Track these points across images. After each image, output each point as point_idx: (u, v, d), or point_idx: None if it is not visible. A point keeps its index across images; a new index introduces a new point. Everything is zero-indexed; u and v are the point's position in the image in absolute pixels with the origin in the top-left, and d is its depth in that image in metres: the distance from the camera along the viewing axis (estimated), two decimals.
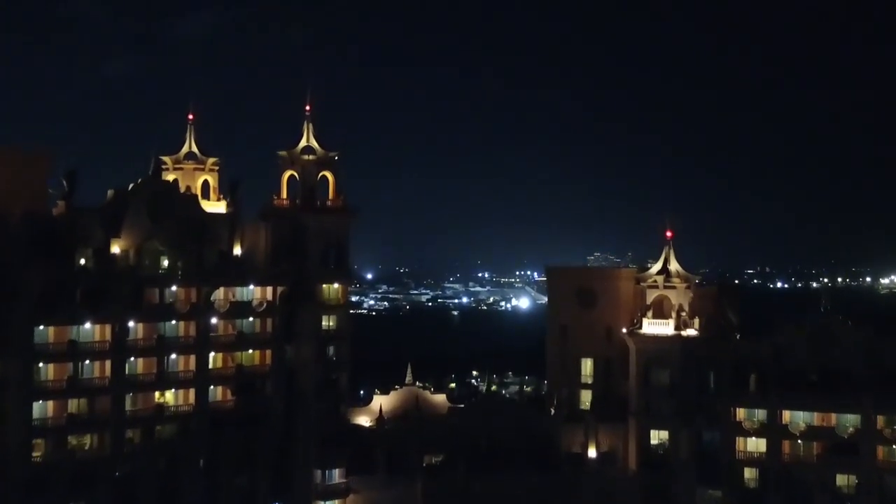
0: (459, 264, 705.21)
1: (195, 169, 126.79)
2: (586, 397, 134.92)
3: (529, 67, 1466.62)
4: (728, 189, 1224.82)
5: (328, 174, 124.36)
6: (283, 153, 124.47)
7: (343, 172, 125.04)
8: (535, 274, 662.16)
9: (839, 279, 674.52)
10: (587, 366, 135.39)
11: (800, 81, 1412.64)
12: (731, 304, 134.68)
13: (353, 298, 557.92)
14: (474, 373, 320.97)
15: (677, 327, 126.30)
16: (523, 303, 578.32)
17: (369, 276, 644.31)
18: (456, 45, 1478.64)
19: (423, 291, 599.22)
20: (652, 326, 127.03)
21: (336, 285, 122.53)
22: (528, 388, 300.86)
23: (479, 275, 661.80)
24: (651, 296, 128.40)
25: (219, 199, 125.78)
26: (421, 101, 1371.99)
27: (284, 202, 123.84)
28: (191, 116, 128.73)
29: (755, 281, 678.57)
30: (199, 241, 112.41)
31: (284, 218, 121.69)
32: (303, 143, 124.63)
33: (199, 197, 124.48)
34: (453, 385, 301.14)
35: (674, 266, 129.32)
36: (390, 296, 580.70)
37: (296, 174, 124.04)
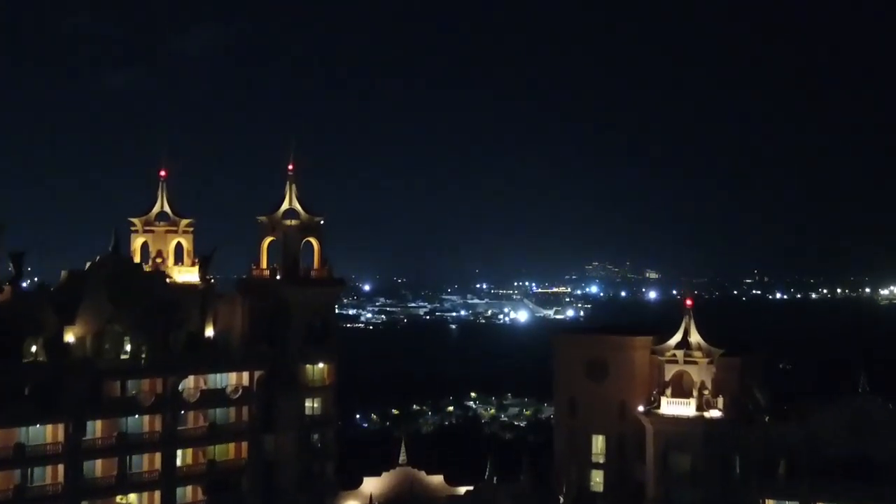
0: (457, 274, 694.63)
1: (167, 231, 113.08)
2: (598, 477, 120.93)
3: (528, 77, 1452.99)
4: (727, 197, 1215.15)
5: (313, 240, 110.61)
6: (262, 218, 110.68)
7: (327, 238, 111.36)
8: (533, 285, 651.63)
9: (838, 290, 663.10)
10: (598, 443, 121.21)
11: (800, 91, 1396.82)
12: (756, 378, 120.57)
13: (351, 311, 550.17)
14: (472, 394, 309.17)
15: (699, 407, 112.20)
16: (521, 316, 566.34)
17: (367, 287, 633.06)
18: (454, 55, 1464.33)
19: (421, 304, 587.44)
20: (671, 406, 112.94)
21: (321, 364, 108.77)
22: (528, 412, 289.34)
23: (478, 286, 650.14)
24: (669, 371, 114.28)
25: (193, 264, 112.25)
26: (420, 110, 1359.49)
27: (264, 272, 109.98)
28: (163, 173, 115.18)
29: (754, 291, 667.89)
30: (166, 324, 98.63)
31: (264, 291, 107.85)
32: (285, 205, 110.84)
33: (172, 262, 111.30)
34: (451, 408, 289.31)
35: (694, 338, 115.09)
36: (388, 309, 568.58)
37: (277, 240, 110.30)
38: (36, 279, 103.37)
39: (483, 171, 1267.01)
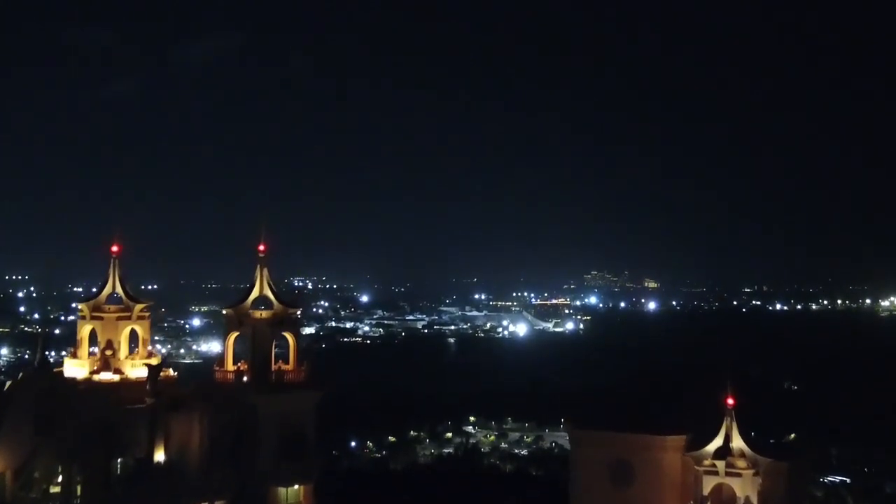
0: (456, 285, 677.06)
1: (119, 317, 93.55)
2: None
3: (526, 86, 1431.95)
4: (726, 206, 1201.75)
5: (288, 335, 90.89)
6: (228, 311, 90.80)
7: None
8: (532, 297, 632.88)
9: (839, 301, 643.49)
10: None
11: (802, 100, 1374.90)
12: (805, 485, 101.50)
13: (349, 325, 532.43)
14: (471, 419, 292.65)
15: None
16: (520, 329, 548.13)
17: (365, 298, 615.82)
18: (453, 64, 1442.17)
19: (419, 317, 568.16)
20: None
21: (296, 487, 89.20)
22: (528, 438, 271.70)
23: (476, 297, 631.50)
24: (708, 484, 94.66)
25: (149, 356, 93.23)
26: (418, 120, 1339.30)
27: (229, 376, 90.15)
28: (115, 248, 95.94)
29: (754, 302, 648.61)
30: (107, 450, 79.31)
31: (228, 398, 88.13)
32: (255, 293, 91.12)
33: (125, 353, 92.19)
34: (449, 434, 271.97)
35: (737, 443, 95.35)
36: (385, 322, 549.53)
37: (245, 336, 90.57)
38: None
39: (481, 180, 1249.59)
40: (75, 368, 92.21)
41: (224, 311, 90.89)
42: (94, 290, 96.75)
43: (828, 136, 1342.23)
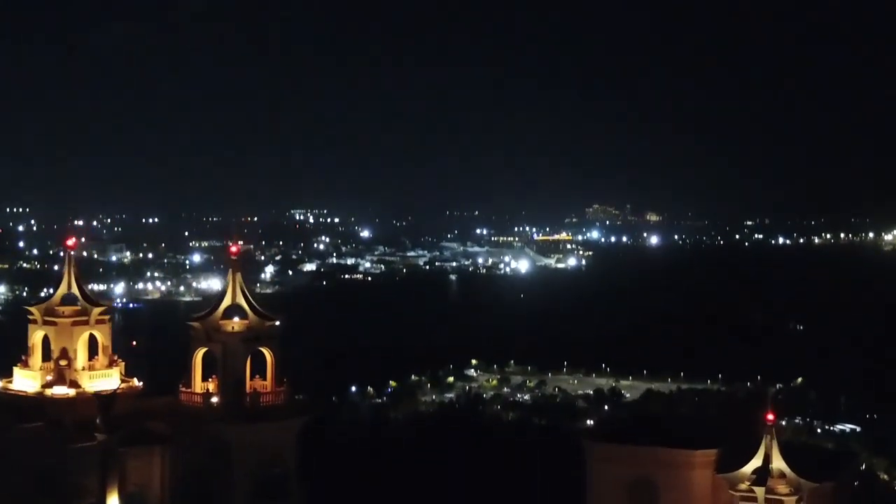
0: (458, 217, 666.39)
1: (75, 322, 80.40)
2: None
3: (529, 23, 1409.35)
4: (728, 139, 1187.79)
5: (266, 351, 77.35)
6: (195, 324, 77.04)
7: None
8: (534, 232, 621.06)
9: (841, 235, 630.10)
10: None
11: (802, 33, 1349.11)
12: None
13: (349, 261, 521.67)
14: (473, 362, 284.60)
15: None
16: (522, 265, 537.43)
17: (365, 233, 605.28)
18: (460, 6, 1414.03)
19: (420, 252, 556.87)
20: None
21: None
22: (531, 383, 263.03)
23: (478, 231, 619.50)
24: None
25: (110, 366, 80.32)
26: (420, 61, 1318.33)
27: (196, 398, 76.69)
28: (71, 241, 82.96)
29: (756, 236, 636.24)
30: (52, 498, 66.52)
31: (194, 428, 74.97)
32: (226, 302, 77.41)
33: (82, 361, 79.40)
34: (451, 379, 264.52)
35: (777, 464, 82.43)
36: (386, 258, 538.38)
37: (214, 353, 77.00)
38: None
39: (483, 113, 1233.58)
40: (26, 381, 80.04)
41: (190, 324, 77.18)
42: (48, 290, 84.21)
43: (831, 69, 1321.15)
